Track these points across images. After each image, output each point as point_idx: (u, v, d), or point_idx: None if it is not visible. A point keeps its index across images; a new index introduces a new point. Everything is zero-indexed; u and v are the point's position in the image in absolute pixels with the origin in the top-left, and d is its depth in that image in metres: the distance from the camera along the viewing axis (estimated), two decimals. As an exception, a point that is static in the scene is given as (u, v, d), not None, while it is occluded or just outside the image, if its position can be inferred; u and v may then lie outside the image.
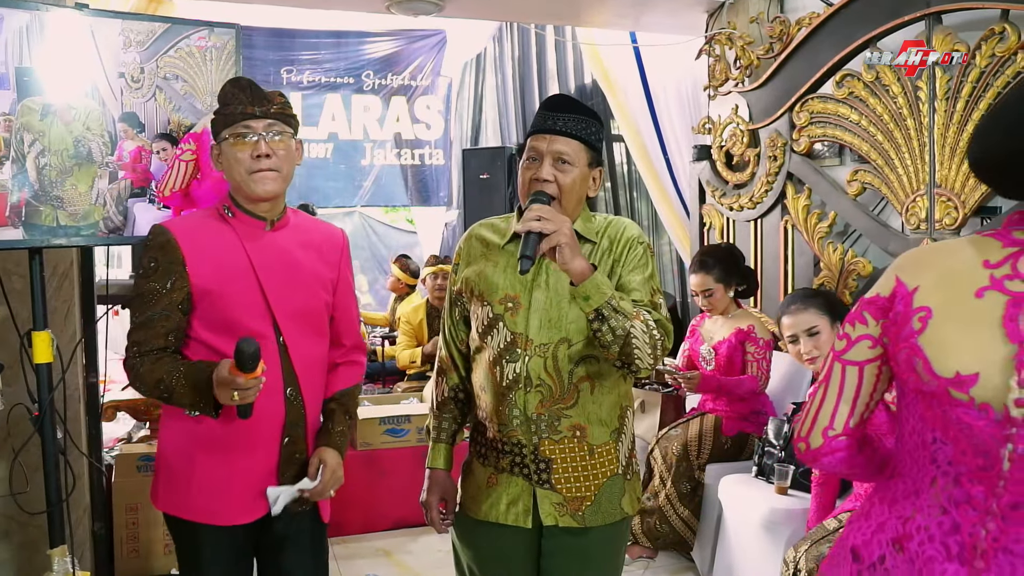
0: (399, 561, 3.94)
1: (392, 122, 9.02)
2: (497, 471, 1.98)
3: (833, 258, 3.90)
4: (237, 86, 1.93)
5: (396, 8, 4.41)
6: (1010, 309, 1.15)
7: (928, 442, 1.24)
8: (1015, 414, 1.13)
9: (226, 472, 1.95)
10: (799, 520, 3.19)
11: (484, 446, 2.01)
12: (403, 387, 5.13)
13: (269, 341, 1.94)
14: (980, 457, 1.18)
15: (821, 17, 3.89)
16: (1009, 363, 1.13)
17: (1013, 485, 1.15)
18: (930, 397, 1.21)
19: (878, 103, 3.63)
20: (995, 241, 1.21)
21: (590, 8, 4.96)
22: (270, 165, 1.93)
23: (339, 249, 2.13)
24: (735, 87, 4.45)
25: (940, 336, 1.19)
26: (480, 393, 2.00)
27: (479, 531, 2.02)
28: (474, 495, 2.01)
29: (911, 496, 1.27)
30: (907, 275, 1.26)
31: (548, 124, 1.90)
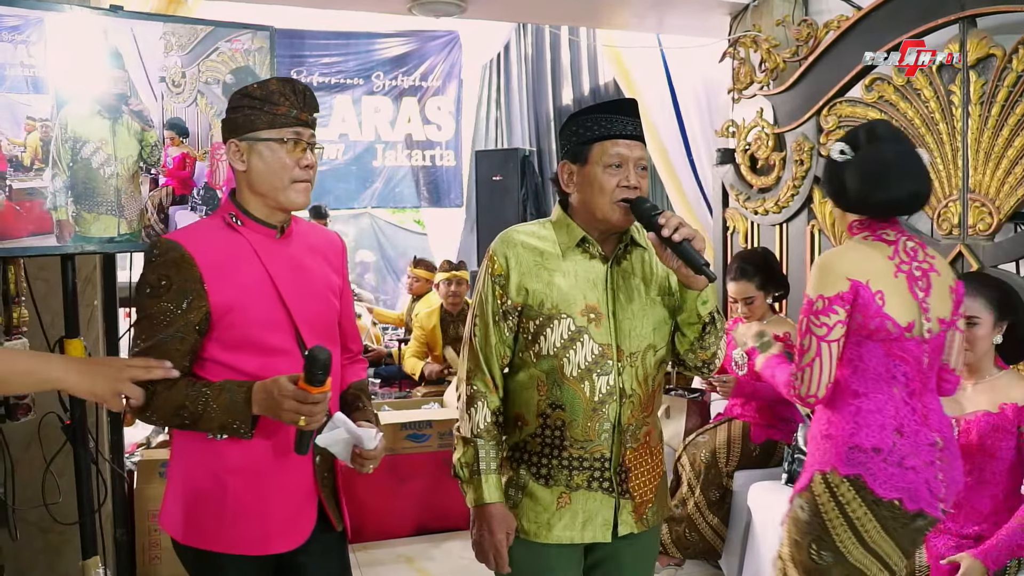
0: (421, 568, 3.90)
1: (403, 123, 8.98)
2: (570, 489, 1.91)
3: (861, 263, 3.86)
4: (291, 87, 1.83)
5: (418, 9, 4.38)
6: (909, 282, 2.16)
7: (891, 366, 2.15)
8: (926, 336, 2.16)
9: (261, 497, 1.82)
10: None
11: (548, 467, 1.92)
12: (422, 392, 5.09)
13: (294, 355, 1.84)
14: (916, 364, 2.16)
15: (850, 20, 3.85)
16: (920, 311, 2.15)
17: (927, 372, 2.19)
18: (894, 341, 2.14)
19: (909, 107, 3.59)
20: (881, 243, 2.19)
21: (611, 10, 4.93)
22: (310, 177, 1.86)
23: (342, 254, 2.07)
24: (760, 90, 4.41)
25: (891, 305, 2.13)
26: (548, 411, 1.91)
27: (548, 554, 1.94)
28: (540, 520, 1.92)
29: (884, 404, 2.15)
30: (856, 275, 2.13)
31: (629, 129, 1.89)
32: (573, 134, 1.93)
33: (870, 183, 2.15)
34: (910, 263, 2.17)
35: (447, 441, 4.33)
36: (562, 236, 1.94)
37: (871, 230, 2.20)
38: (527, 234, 1.96)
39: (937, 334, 2.17)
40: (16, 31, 2.15)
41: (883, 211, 2.19)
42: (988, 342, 2.48)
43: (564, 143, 1.97)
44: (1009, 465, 2.45)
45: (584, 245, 1.93)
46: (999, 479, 2.46)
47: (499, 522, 1.90)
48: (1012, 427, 2.43)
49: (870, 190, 2.15)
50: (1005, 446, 2.42)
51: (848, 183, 2.18)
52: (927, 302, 2.15)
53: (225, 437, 1.78)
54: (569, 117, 1.97)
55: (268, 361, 1.81)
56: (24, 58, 2.12)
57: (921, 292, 2.15)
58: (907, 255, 2.17)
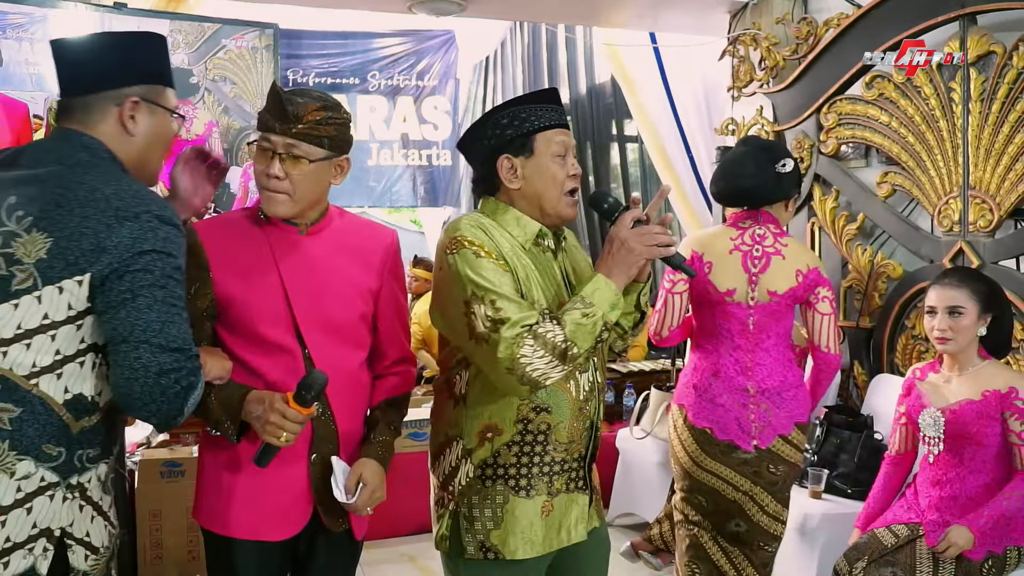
0: (424, 566, 3.90)
1: (399, 122, 8.95)
2: (551, 496, 1.84)
3: (862, 260, 3.87)
4: (273, 94, 1.81)
5: (418, 8, 4.37)
6: (743, 259, 2.67)
7: (718, 325, 2.70)
8: (750, 302, 2.65)
9: (257, 487, 1.86)
10: (834, 525, 3.16)
11: (528, 477, 1.82)
12: (422, 391, 5.08)
13: (293, 354, 1.85)
14: (741, 324, 2.67)
15: (851, 18, 3.86)
16: (747, 283, 2.66)
17: (755, 333, 2.67)
18: (717, 304, 2.68)
19: (909, 104, 3.60)
20: (732, 228, 2.75)
21: (610, 8, 4.94)
22: (278, 187, 1.81)
23: (384, 254, 1.99)
24: (760, 88, 4.42)
25: (716, 274, 2.67)
26: (530, 416, 1.81)
27: (537, 569, 1.88)
28: (528, 535, 1.82)
29: (710, 353, 2.71)
30: (696, 248, 2.74)
31: (564, 119, 1.89)
32: (507, 127, 1.85)
33: (712, 182, 2.93)
34: (752, 245, 2.70)
35: (448, 439, 4.32)
36: (515, 230, 1.84)
37: (734, 220, 2.80)
38: (487, 225, 1.83)
39: (765, 303, 2.65)
40: (21, 28, 2.15)
41: (720, 201, 3.05)
42: (972, 333, 2.56)
43: (490, 138, 1.87)
44: (996, 452, 2.52)
45: (538, 239, 1.86)
46: (988, 467, 2.53)
47: (623, 238, 1.76)
48: (996, 413, 2.50)
49: (712, 186, 2.94)
50: (991, 432, 2.50)
51: None
52: (757, 276, 2.66)
53: (216, 434, 1.82)
54: (492, 111, 1.91)
55: (268, 356, 1.84)
56: (28, 55, 2.12)
57: (754, 268, 2.67)
58: (752, 239, 2.71)
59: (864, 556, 2.57)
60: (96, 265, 1.41)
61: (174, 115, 1.66)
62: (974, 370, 2.57)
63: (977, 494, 2.52)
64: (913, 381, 2.71)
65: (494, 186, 1.88)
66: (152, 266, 1.43)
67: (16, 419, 1.41)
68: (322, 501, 1.91)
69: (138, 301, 1.40)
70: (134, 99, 1.57)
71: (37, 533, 1.44)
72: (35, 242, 1.41)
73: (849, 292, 4.00)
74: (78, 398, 1.47)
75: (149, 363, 1.39)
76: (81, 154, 1.51)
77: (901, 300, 3.67)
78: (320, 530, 1.94)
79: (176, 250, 1.49)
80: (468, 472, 1.82)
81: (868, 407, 3.63)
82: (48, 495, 1.45)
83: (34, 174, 1.48)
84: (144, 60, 1.63)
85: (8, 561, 1.41)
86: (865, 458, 3.31)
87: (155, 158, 1.66)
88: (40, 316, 1.41)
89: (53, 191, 1.45)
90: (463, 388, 1.84)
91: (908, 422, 2.71)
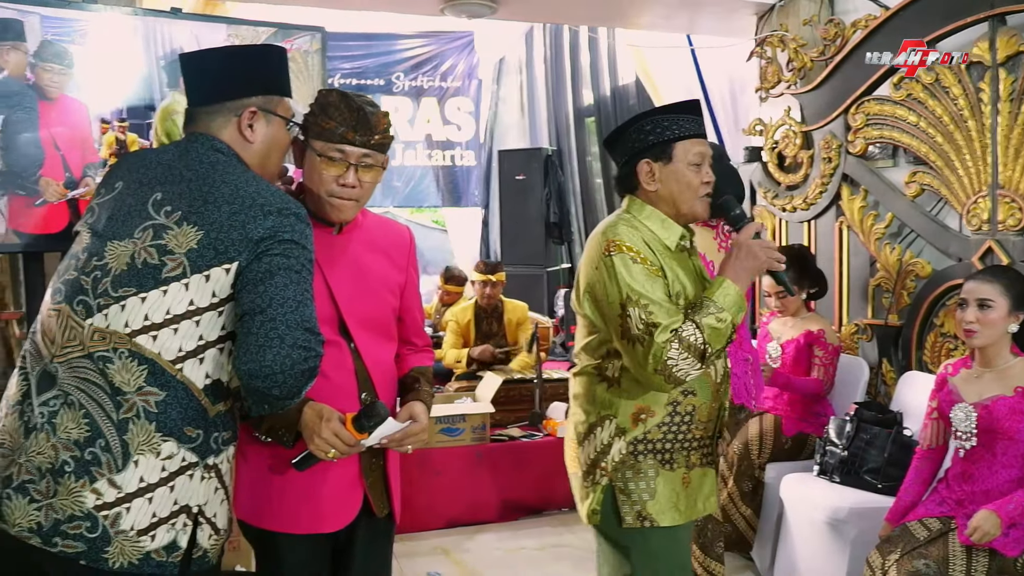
0: (458, 560, 3.97)
1: (423, 123, 9.04)
2: (688, 468, 2.06)
3: (890, 259, 3.91)
4: (347, 104, 1.84)
5: (450, 10, 4.44)
6: None
7: None
8: None
9: (307, 479, 1.88)
10: (864, 519, 3.20)
11: (671, 452, 2.04)
12: (455, 387, 5.16)
13: (341, 347, 1.92)
14: None
15: (878, 20, 3.91)
16: None
17: None
18: None
19: (938, 105, 3.64)
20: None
21: (638, 10, 4.99)
22: (351, 195, 1.88)
23: (407, 250, 2.10)
24: (787, 89, 4.47)
25: None
26: (679, 399, 2.03)
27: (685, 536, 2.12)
28: (676, 503, 2.03)
29: None
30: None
31: (703, 130, 2.06)
32: (649, 133, 2.05)
33: None
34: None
35: (480, 435, 4.40)
36: (661, 231, 2.05)
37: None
38: (637, 228, 2.03)
39: None
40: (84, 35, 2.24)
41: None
42: (1000, 328, 2.60)
43: (633, 142, 2.08)
44: None
45: (680, 240, 2.08)
46: (1020, 462, 2.57)
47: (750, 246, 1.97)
48: None
49: None
50: (1022, 428, 2.53)
51: None
52: None
53: (269, 440, 1.85)
54: (637, 117, 2.09)
55: None
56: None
57: None
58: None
59: (897, 548, 2.61)
60: (243, 254, 1.54)
61: (289, 123, 1.78)
62: (1006, 366, 2.62)
63: (1008, 488, 2.55)
64: (945, 376, 2.76)
65: (632, 185, 2.10)
66: (290, 253, 1.56)
67: (161, 402, 1.52)
68: (373, 487, 1.97)
69: (276, 279, 1.53)
70: (252, 109, 1.70)
71: (178, 509, 1.55)
72: (187, 234, 1.54)
73: (877, 290, 4.04)
74: (216, 384, 1.59)
75: (284, 334, 1.50)
76: (217, 155, 1.65)
77: (930, 298, 3.71)
78: (362, 515, 1.98)
79: (310, 245, 1.62)
80: (621, 449, 2.03)
81: (897, 403, 3.67)
82: (188, 474, 1.56)
83: (177, 173, 1.62)
84: (262, 72, 1.75)
85: (155, 534, 1.52)
86: (895, 453, 3.35)
87: (273, 162, 1.78)
88: (186, 302, 1.53)
89: (200, 188, 1.58)
90: (616, 372, 2.04)
91: (940, 417, 2.76)
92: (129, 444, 1.50)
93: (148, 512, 1.51)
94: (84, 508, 1.48)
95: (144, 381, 1.51)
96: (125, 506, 1.49)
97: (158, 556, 1.52)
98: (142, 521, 1.51)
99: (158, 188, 1.60)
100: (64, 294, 1.59)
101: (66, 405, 1.51)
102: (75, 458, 1.49)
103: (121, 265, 1.55)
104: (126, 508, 1.49)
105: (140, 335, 1.52)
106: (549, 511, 4.54)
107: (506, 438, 4.57)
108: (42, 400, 1.53)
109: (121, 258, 1.55)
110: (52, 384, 1.53)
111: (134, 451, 1.50)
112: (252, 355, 1.49)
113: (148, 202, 1.59)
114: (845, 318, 4.22)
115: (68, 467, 1.48)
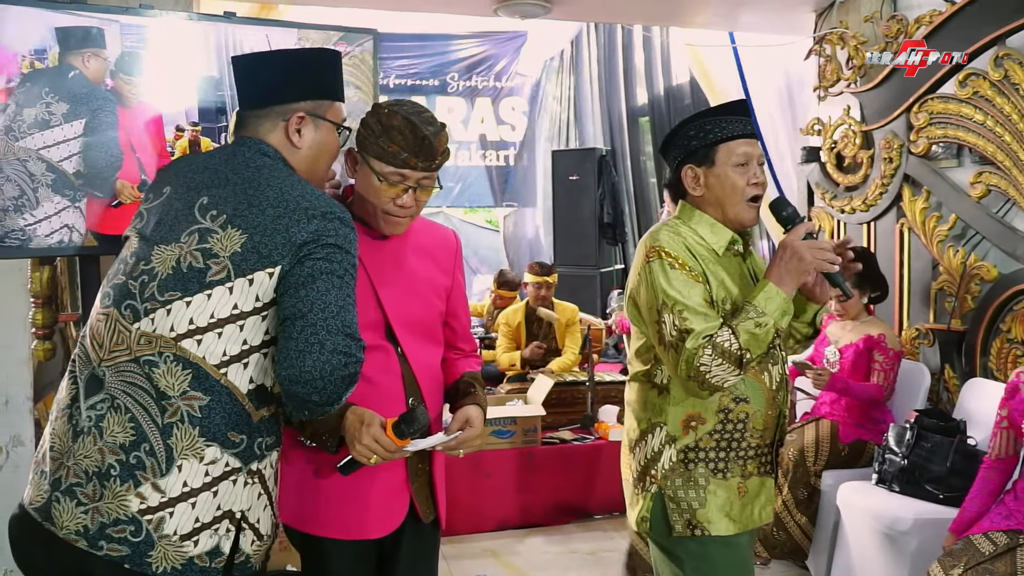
0: (508, 563, 3.95)
1: (477, 123, 9.07)
2: (744, 478, 2.01)
3: (954, 262, 3.80)
4: (412, 131, 1.80)
5: (503, 11, 4.43)
6: None
7: None
8: None
9: (352, 484, 1.87)
10: (925, 530, 3.11)
11: (724, 460, 1.99)
12: (506, 388, 5.14)
13: (388, 351, 1.90)
14: None
15: (943, 15, 3.79)
16: None
17: None
18: None
19: (1006, 103, 3.52)
20: None
21: (693, 9, 4.93)
22: (407, 214, 1.88)
23: (453, 254, 2.08)
24: (847, 88, 4.37)
25: None
26: (730, 406, 1.98)
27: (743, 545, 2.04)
28: (730, 513, 1.99)
29: None
30: None
31: (748, 129, 2.01)
32: (692, 138, 2.02)
33: None
34: None
35: (530, 437, 4.38)
36: (709, 236, 2.02)
37: None
38: (683, 234, 2.01)
39: None
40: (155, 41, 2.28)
41: None
42: None
43: (679, 148, 2.06)
44: None
45: (730, 244, 2.03)
46: None
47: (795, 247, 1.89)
48: None
49: None
50: None
51: None
52: None
53: (313, 445, 1.84)
54: (681, 123, 2.07)
55: None
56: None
57: None
58: None
59: (960, 563, 2.52)
60: (287, 257, 1.53)
61: (340, 129, 1.77)
62: None
63: None
64: (1017, 384, 2.66)
65: (683, 191, 2.07)
66: (333, 257, 1.55)
67: (205, 407, 1.52)
68: (419, 492, 1.96)
69: (318, 283, 1.52)
70: (300, 114, 1.69)
71: (221, 515, 1.55)
72: (231, 237, 1.54)
73: (940, 294, 3.92)
74: (260, 388, 1.58)
75: (324, 339, 1.48)
76: (263, 159, 1.65)
77: (996, 303, 3.59)
78: (408, 521, 1.97)
79: (354, 249, 1.61)
80: (671, 456, 2.00)
81: (960, 411, 3.56)
82: (232, 480, 1.56)
83: (223, 177, 1.62)
84: (312, 76, 1.74)
85: (198, 540, 1.52)
86: (958, 463, 3.25)
87: (321, 167, 1.78)
88: (231, 306, 1.53)
89: (245, 192, 1.58)
90: (664, 379, 2.02)
91: (1011, 425, 2.66)
92: (173, 448, 1.50)
93: (191, 517, 1.51)
94: (129, 512, 1.48)
95: (188, 386, 1.51)
96: (168, 511, 1.50)
97: (201, 561, 1.52)
98: (185, 526, 1.51)
99: (204, 192, 1.61)
100: (112, 298, 1.60)
101: (112, 409, 1.52)
102: (120, 462, 1.49)
103: (167, 269, 1.55)
104: (169, 513, 1.50)
105: (185, 339, 1.52)
106: (600, 515, 4.51)
107: (557, 441, 4.54)
108: (89, 404, 1.55)
109: (167, 262, 1.56)
110: (99, 388, 1.55)
111: (178, 455, 1.50)
112: (292, 360, 1.48)
113: (195, 206, 1.59)
114: (906, 322, 4.10)
115: (114, 471, 1.49)
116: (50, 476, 1.55)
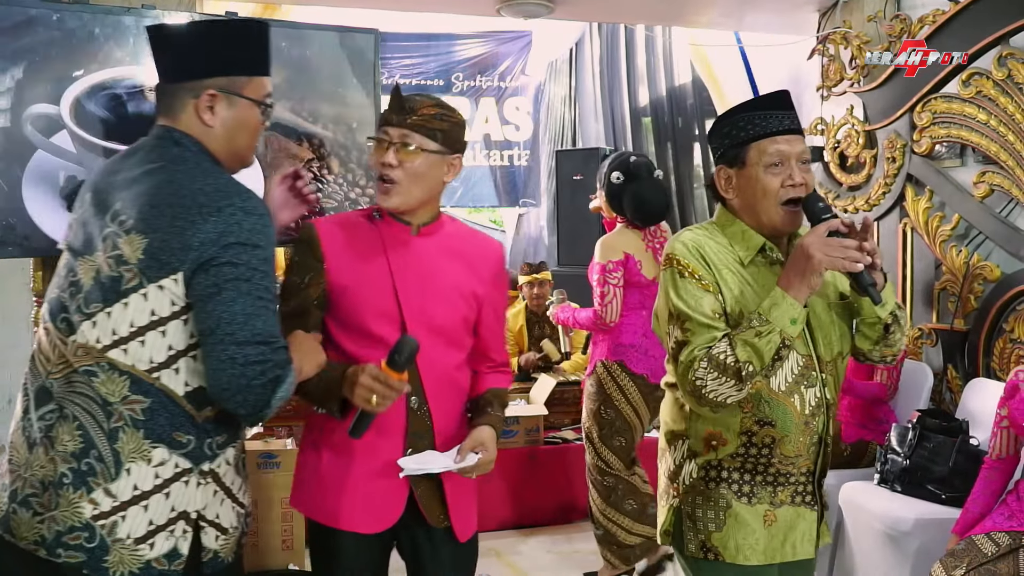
0: (510, 562, 3.96)
1: (481, 123, 9.05)
2: (774, 506, 1.82)
3: (957, 261, 3.79)
4: (393, 91, 1.90)
5: (506, 10, 4.43)
6: (654, 254, 3.56)
7: (642, 300, 3.52)
8: None
9: (349, 477, 1.90)
10: (927, 531, 3.10)
11: (751, 484, 1.81)
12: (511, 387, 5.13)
13: None
14: None
15: (947, 14, 3.79)
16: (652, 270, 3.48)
17: None
18: (644, 287, 3.53)
19: (1009, 102, 3.52)
20: (636, 232, 3.60)
21: (697, 8, 4.93)
22: (391, 176, 1.86)
23: (493, 263, 2.05)
24: (850, 87, 4.36)
25: (644, 268, 3.55)
26: (754, 429, 1.79)
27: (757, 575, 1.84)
28: (750, 541, 1.80)
29: (635, 320, 3.55)
30: (628, 251, 3.53)
31: (786, 124, 1.79)
32: (725, 136, 1.85)
33: (635, 209, 3.55)
34: (654, 242, 3.60)
35: (534, 437, 4.39)
36: (738, 243, 1.84)
37: (626, 223, 3.61)
38: (705, 239, 1.84)
39: None
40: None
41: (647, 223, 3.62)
42: None
43: (716, 147, 1.89)
44: None
45: (764, 251, 1.83)
46: None
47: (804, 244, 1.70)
48: None
49: (634, 213, 3.56)
50: None
51: (623, 202, 3.57)
52: None
53: (322, 412, 1.87)
54: (718, 118, 1.91)
55: (374, 348, 1.86)
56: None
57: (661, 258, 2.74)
58: (651, 236, 3.60)
59: (962, 563, 2.52)
60: (185, 263, 1.46)
61: (261, 105, 1.66)
62: None
63: None
64: (1017, 383, 2.65)
65: (719, 194, 1.89)
66: (238, 259, 1.47)
67: (147, 409, 1.50)
68: (422, 495, 1.94)
69: (223, 294, 1.45)
70: (211, 92, 1.58)
71: (176, 516, 1.54)
72: (133, 243, 1.48)
73: (943, 294, 3.92)
74: (198, 390, 1.54)
75: (235, 355, 1.45)
76: (174, 150, 1.57)
77: (999, 303, 3.58)
78: (421, 526, 1.96)
79: (263, 240, 1.51)
80: (692, 472, 1.85)
81: (963, 411, 3.55)
82: (184, 481, 1.54)
83: (133, 176, 1.55)
84: (226, 50, 1.62)
85: (153, 542, 1.52)
86: (961, 463, 3.24)
87: (241, 146, 1.67)
88: (148, 313, 1.49)
89: (147, 192, 1.51)
90: None
91: (1011, 425, 2.65)
92: (120, 452, 1.49)
93: (144, 520, 1.50)
94: (82, 519, 1.48)
95: (128, 391, 1.49)
96: (121, 515, 1.49)
97: (159, 565, 1.51)
98: (138, 529, 1.50)
99: (117, 196, 1.54)
100: (50, 312, 1.58)
101: (61, 418, 1.51)
102: (72, 470, 1.49)
103: (89, 281, 1.52)
104: (122, 516, 1.49)
105: (111, 350, 1.49)
106: (602, 515, 4.49)
107: (560, 441, 4.54)
108: (39, 414, 1.54)
109: (89, 273, 1.52)
110: (49, 399, 1.54)
111: (125, 459, 1.49)
112: (211, 377, 1.46)
113: (108, 212, 1.53)
114: (908, 322, 4.10)
115: (66, 479, 1.49)
116: (8, 488, 1.55)
